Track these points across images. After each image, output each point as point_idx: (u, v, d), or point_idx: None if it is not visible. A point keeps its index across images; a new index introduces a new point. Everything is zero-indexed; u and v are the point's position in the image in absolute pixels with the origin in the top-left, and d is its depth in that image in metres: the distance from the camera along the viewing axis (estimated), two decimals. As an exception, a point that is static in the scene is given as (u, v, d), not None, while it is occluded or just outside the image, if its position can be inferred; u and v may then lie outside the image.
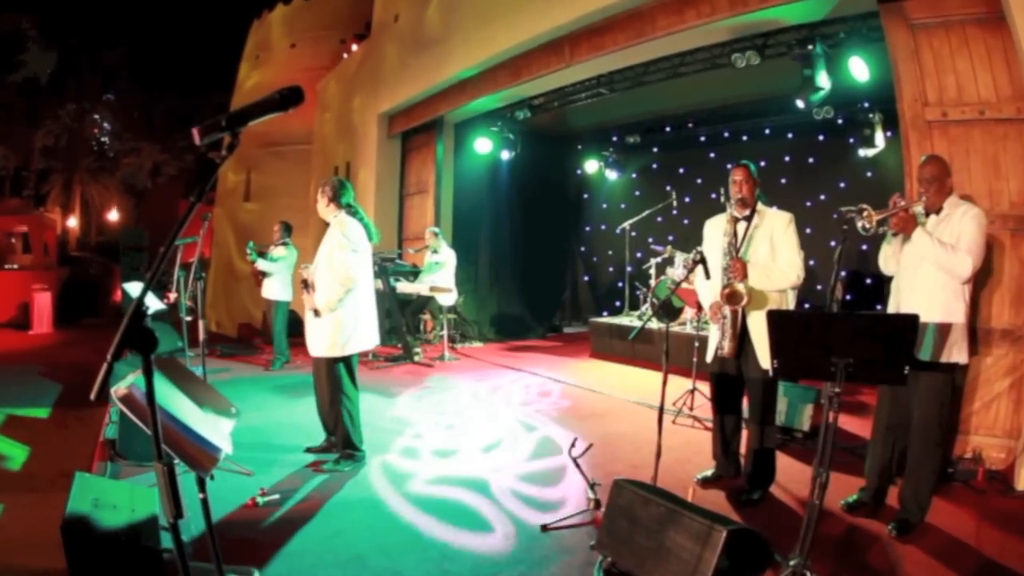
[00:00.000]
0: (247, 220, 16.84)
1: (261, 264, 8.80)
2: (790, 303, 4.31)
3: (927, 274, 3.75)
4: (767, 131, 11.04)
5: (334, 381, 4.86)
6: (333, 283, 4.70)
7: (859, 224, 3.73)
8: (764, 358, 4.09)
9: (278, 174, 16.59)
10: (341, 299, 4.72)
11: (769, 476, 4.36)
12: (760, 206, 4.35)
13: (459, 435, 5.79)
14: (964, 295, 3.76)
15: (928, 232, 3.72)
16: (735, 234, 4.31)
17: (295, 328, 9.13)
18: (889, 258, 4.05)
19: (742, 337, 4.22)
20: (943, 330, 3.71)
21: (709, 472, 4.65)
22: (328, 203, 4.90)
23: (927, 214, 3.87)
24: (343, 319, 4.77)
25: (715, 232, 4.48)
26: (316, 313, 4.80)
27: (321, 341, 4.82)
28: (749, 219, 4.31)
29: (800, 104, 7.36)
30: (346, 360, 4.89)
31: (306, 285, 4.89)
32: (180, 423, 2.45)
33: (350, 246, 4.75)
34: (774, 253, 4.22)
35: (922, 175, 3.87)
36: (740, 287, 4.11)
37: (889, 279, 4.12)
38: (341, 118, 14.15)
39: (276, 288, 8.92)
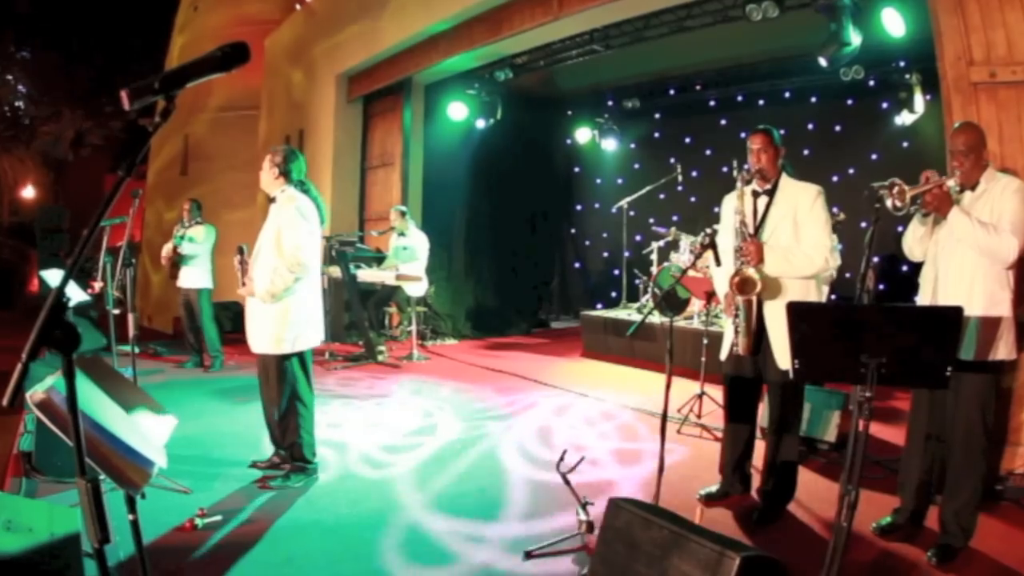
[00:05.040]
0: (186, 196, 16.68)
1: (187, 247, 8.64)
2: (818, 294, 4.25)
3: (965, 260, 3.72)
4: (787, 94, 11.06)
5: (285, 383, 4.80)
6: (280, 269, 4.61)
7: (889, 203, 3.69)
8: (782, 357, 4.07)
9: (220, 144, 16.42)
10: (288, 288, 4.64)
11: (788, 493, 4.35)
12: (785, 179, 4.30)
13: (431, 449, 5.75)
14: (1009, 282, 3.73)
15: (966, 211, 3.68)
16: (755, 211, 4.27)
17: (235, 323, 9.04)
18: (916, 242, 4.01)
19: (759, 333, 4.19)
20: (987, 324, 3.69)
21: (714, 488, 4.63)
22: (277, 175, 4.81)
23: (961, 190, 3.83)
24: (291, 310, 4.70)
25: (733, 209, 4.42)
26: (250, 293, 4.75)
27: (265, 336, 4.74)
28: (771, 194, 4.27)
29: (825, 63, 7.34)
30: (300, 357, 4.83)
31: (242, 264, 4.81)
32: (107, 433, 2.39)
33: (306, 226, 4.68)
34: (798, 233, 4.16)
35: (955, 145, 3.81)
36: (751, 273, 4.07)
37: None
38: (293, 79, 14.01)
39: (197, 275, 8.77)
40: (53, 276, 7.64)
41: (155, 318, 16.50)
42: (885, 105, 9.78)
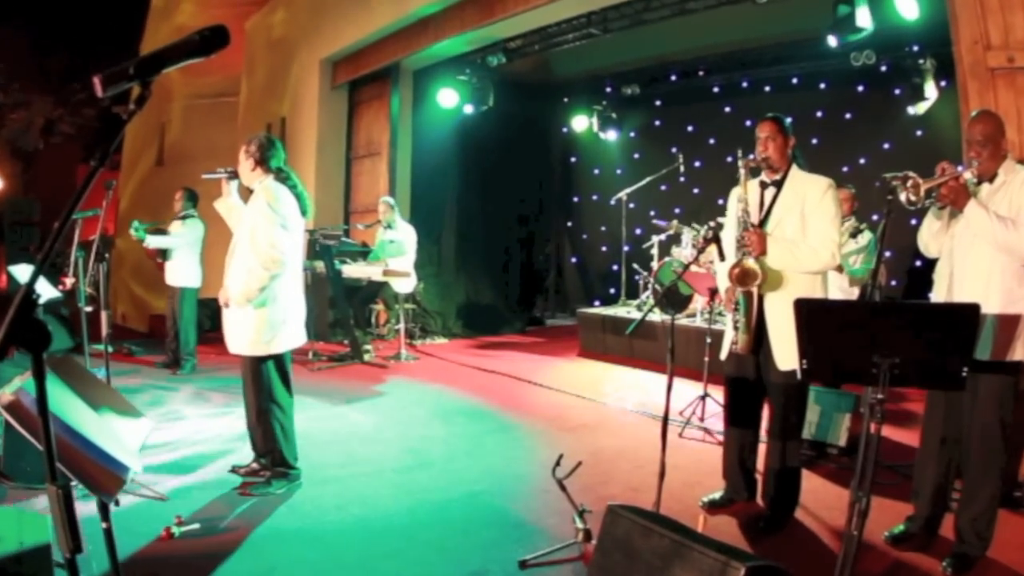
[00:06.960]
0: (161, 189, 16.62)
1: (153, 241, 8.50)
2: (825, 291, 4.24)
3: (982, 256, 3.70)
4: (795, 80, 11.05)
5: (262, 385, 4.77)
6: (255, 268, 4.59)
7: (903, 196, 3.68)
8: (783, 357, 4.05)
9: (197, 133, 16.38)
10: (265, 287, 4.62)
11: (791, 501, 4.34)
12: (795, 170, 4.27)
13: (418, 453, 5.74)
14: None
15: (983, 205, 3.66)
16: (761, 203, 4.27)
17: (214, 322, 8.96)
18: (932, 238, 3.99)
19: (760, 330, 4.17)
20: (1004, 322, 3.67)
21: (717, 495, 4.63)
22: (253, 166, 4.79)
23: (979, 182, 3.81)
24: (268, 310, 4.68)
25: (737, 200, 4.40)
26: (226, 304, 4.71)
27: (241, 336, 4.72)
28: (779, 185, 4.25)
29: (835, 43, 7.32)
30: (277, 359, 4.80)
31: None
32: (79, 436, 2.40)
33: (278, 220, 4.63)
34: (805, 226, 4.14)
35: (972, 135, 3.79)
36: (752, 264, 4.05)
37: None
38: (275, 65, 13.98)
39: (182, 272, 8.66)
40: (22, 272, 7.63)
41: (129, 316, 16.46)
42: (898, 92, 9.77)
